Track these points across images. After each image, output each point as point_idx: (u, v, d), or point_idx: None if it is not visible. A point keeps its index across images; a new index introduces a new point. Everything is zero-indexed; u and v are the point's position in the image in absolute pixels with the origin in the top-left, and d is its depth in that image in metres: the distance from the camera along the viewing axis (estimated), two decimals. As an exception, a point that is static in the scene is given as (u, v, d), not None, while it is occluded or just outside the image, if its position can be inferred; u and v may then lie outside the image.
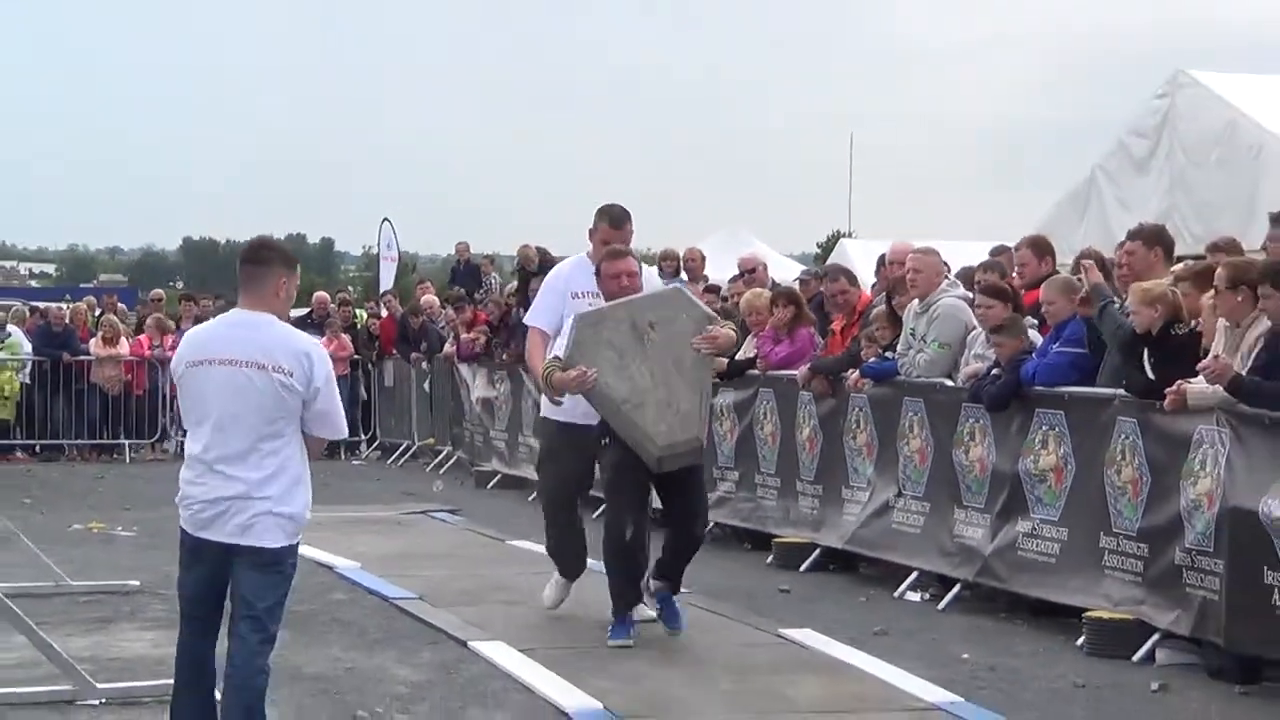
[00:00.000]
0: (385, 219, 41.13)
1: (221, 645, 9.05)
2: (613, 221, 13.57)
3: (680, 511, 13.09)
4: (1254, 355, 12.19)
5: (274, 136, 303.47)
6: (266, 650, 8.94)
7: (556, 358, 12.66)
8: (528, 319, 14.17)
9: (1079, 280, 14.35)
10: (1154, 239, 14.84)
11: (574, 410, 13.15)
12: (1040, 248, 16.72)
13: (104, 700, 11.02)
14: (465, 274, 33.42)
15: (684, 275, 23.77)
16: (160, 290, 37.92)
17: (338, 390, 9.01)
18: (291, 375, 8.66)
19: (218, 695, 9.04)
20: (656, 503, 13.45)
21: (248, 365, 8.66)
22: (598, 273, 13.27)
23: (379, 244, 42.13)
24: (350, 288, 44.03)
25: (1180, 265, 14.53)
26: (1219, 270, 12.80)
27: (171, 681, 11.41)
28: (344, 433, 9.35)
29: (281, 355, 8.68)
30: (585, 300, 13.35)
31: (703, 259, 24.42)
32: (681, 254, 24.66)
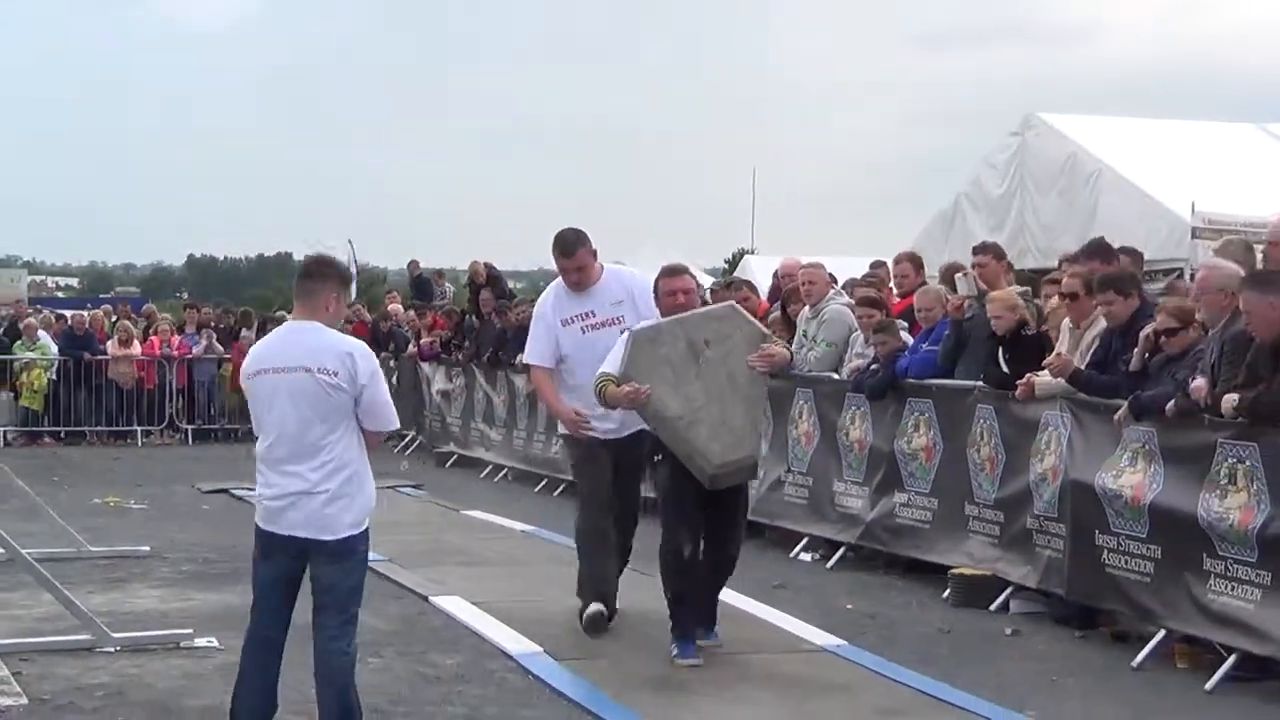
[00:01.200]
0: (349, 240, 40.87)
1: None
2: (563, 250, 12.03)
3: (717, 528, 11.15)
4: (1091, 352, 12.30)
5: (267, 169, 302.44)
6: (348, 632, 8.49)
7: (606, 373, 10.94)
8: (527, 358, 12.54)
9: (949, 294, 14.56)
10: (1000, 253, 15.15)
11: (598, 428, 11.84)
12: (916, 262, 16.97)
13: (118, 648, 10.97)
14: (420, 286, 33.36)
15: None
16: (152, 306, 37.85)
17: (385, 386, 8.55)
18: (336, 375, 8.20)
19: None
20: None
21: (296, 370, 8.26)
22: (656, 291, 11.57)
23: (347, 260, 41.78)
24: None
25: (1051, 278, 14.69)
26: (1067, 280, 12.94)
27: (178, 631, 11.49)
28: (394, 424, 8.68)
29: (326, 358, 8.24)
30: (575, 326, 12.06)
31: (630, 272, 24.41)
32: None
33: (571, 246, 12.03)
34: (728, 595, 12.81)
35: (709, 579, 11.32)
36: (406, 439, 28.06)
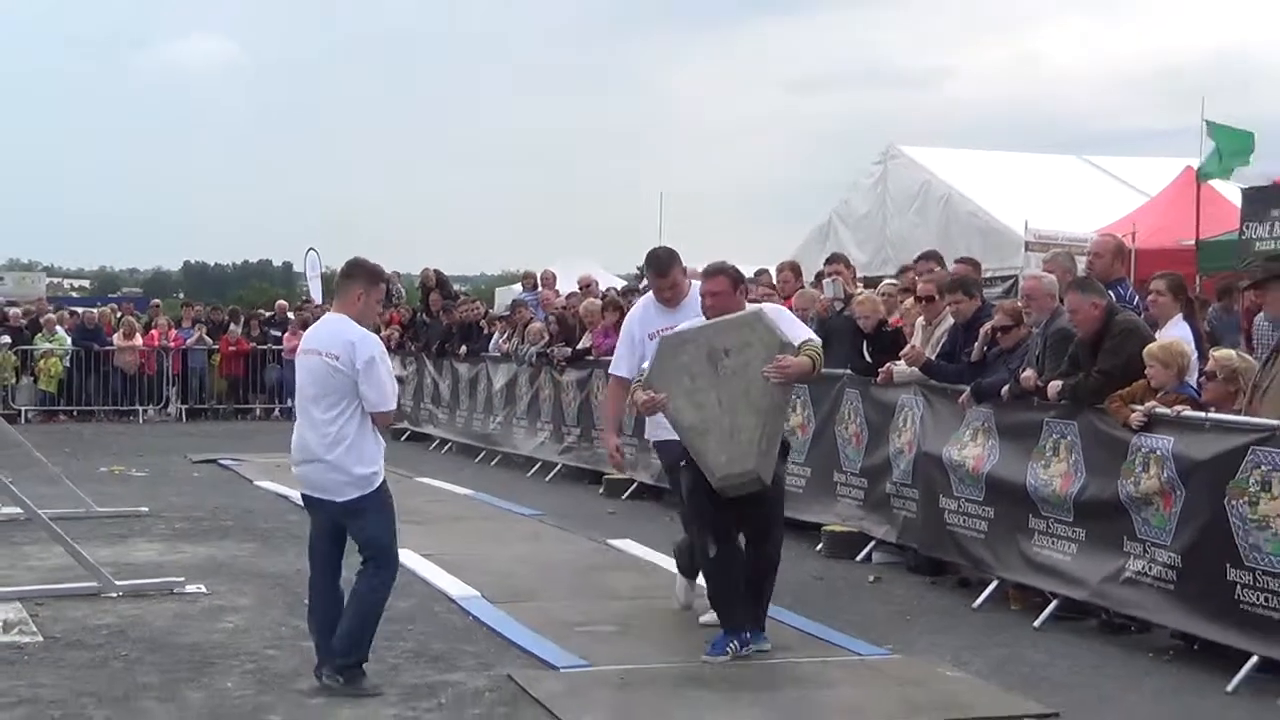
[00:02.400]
0: (311, 249, 40.04)
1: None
2: (657, 270, 10.55)
3: (750, 531, 9.62)
4: (939, 346, 12.38)
5: (251, 188, 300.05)
6: (371, 572, 8.55)
7: (637, 379, 9.87)
8: (611, 369, 10.90)
9: (821, 296, 14.71)
10: (848, 263, 15.30)
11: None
12: (796, 270, 17.02)
13: (121, 594, 10.90)
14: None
15: (540, 287, 23.86)
16: (158, 302, 37.56)
17: (383, 371, 8.46)
18: (338, 359, 8.32)
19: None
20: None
21: (312, 353, 8.46)
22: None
23: (305, 267, 41.03)
24: (304, 298, 43.51)
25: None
26: (923, 285, 13.08)
27: (172, 579, 11.42)
28: (387, 406, 8.56)
29: (332, 343, 8.38)
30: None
31: (554, 277, 24.48)
32: (540, 273, 24.72)
33: (665, 266, 10.53)
34: (636, 549, 12.89)
35: (751, 579, 9.62)
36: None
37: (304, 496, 8.68)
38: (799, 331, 9.57)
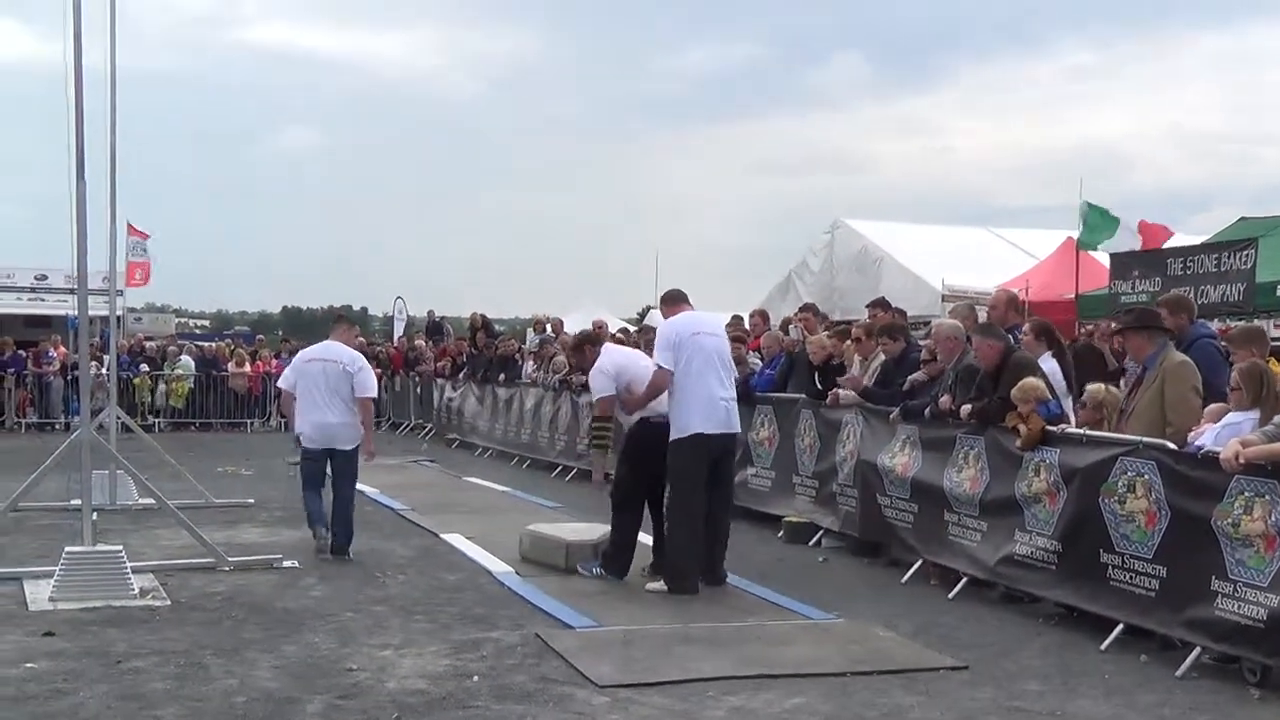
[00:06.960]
0: (399, 296, 40.36)
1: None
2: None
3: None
4: (874, 376, 12.35)
5: (337, 247, 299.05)
6: (354, 492, 11.91)
7: None
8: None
9: (784, 337, 14.73)
10: (817, 311, 15.24)
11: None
12: (764, 316, 17.09)
13: (232, 568, 10.89)
14: (433, 327, 33.23)
15: (549, 329, 24.26)
16: (262, 336, 37.65)
17: (370, 372, 11.94)
18: (347, 367, 11.64)
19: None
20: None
21: (330, 362, 11.70)
22: None
23: (394, 310, 41.35)
24: (377, 335, 43.41)
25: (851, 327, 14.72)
26: (855, 330, 13.08)
27: (272, 556, 11.41)
28: (372, 393, 11.90)
29: (345, 359, 11.76)
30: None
31: (561, 323, 24.96)
32: (550, 321, 25.38)
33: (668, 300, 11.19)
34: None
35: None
36: (427, 429, 27.92)
37: (312, 451, 11.59)
38: None
